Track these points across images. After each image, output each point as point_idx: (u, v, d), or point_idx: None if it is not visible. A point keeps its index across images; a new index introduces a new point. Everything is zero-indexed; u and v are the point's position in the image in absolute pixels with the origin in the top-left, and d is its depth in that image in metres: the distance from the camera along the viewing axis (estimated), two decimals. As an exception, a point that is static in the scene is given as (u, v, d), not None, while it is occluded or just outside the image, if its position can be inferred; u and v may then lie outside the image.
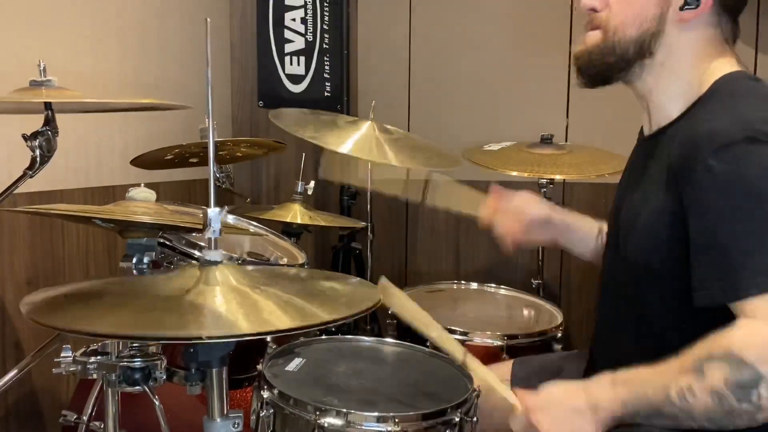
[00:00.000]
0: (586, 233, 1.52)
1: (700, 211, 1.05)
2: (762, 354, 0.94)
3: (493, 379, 1.25)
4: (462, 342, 1.70)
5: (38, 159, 1.37)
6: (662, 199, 1.15)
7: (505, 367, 1.53)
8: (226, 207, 1.04)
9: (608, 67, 1.24)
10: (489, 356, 1.67)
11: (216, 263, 1.05)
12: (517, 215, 1.52)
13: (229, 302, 0.97)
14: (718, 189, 1.03)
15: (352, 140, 1.99)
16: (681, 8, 1.17)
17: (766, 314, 0.96)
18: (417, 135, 2.30)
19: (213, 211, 1.02)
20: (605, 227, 1.47)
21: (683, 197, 1.09)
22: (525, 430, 1.15)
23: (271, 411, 1.20)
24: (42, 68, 1.36)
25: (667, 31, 1.19)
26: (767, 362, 0.93)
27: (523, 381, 1.47)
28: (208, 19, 0.96)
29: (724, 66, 1.19)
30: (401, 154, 2.03)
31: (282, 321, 0.94)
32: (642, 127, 1.36)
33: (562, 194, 2.66)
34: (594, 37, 1.25)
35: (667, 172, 1.14)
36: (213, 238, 1.04)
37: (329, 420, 1.15)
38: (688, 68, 1.21)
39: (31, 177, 1.39)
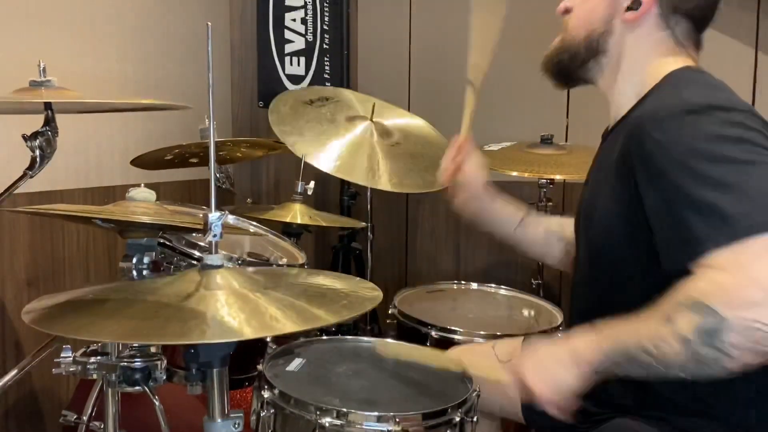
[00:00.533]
0: (507, 218, 1.62)
1: (651, 182, 1.08)
2: (723, 299, 0.95)
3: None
4: (462, 342, 1.71)
5: (38, 159, 1.37)
6: (614, 185, 1.19)
7: (514, 345, 1.53)
8: (226, 211, 1.04)
9: (564, 65, 1.36)
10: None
11: (217, 267, 1.05)
12: (460, 162, 1.64)
13: (231, 307, 0.97)
14: (664, 157, 1.06)
15: (340, 145, 1.96)
16: (626, 10, 1.26)
17: (721, 264, 0.98)
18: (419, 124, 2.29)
19: (214, 215, 1.01)
20: (529, 217, 1.61)
21: (636, 175, 1.12)
22: (513, 380, 1.16)
23: (272, 411, 1.21)
24: (42, 68, 1.36)
25: (616, 32, 1.28)
26: (729, 306, 0.95)
27: None
28: (210, 24, 0.96)
29: (675, 64, 1.24)
30: (396, 165, 2.00)
31: (284, 325, 0.94)
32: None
33: (562, 194, 2.66)
34: (557, 40, 1.38)
35: (617, 159, 1.19)
36: (214, 242, 1.04)
37: (329, 420, 1.15)
38: (638, 67, 1.28)
39: (31, 177, 1.39)
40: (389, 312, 1.89)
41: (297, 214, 2.11)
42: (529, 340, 1.55)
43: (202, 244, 1.53)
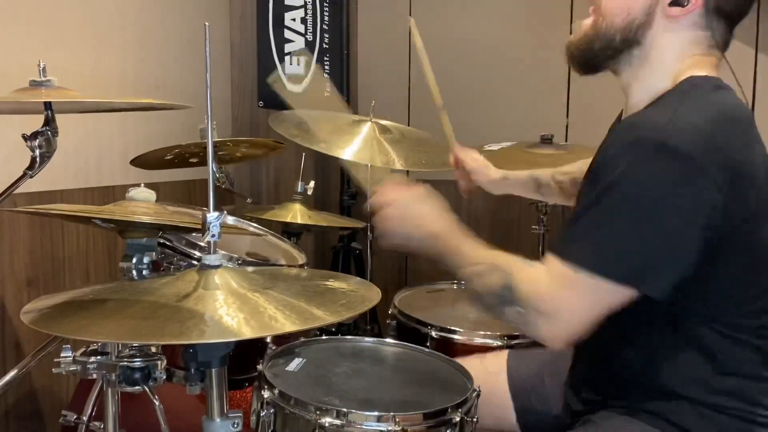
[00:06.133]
0: (524, 189, 1.79)
1: (596, 183, 1.14)
2: (525, 288, 1.14)
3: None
4: (462, 342, 1.71)
5: (38, 159, 1.37)
6: None
7: (501, 357, 1.54)
8: (225, 211, 1.04)
9: (594, 53, 1.26)
10: (489, 356, 1.67)
11: (216, 267, 1.05)
12: (466, 178, 1.81)
13: (230, 306, 0.97)
14: (608, 173, 1.10)
15: (354, 145, 2.01)
16: (670, 4, 1.18)
17: (551, 267, 1.13)
18: (416, 129, 2.31)
19: (212, 215, 1.01)
20: (544, 175, 1.75)
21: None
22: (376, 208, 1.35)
23: (272, 411, 1.20)
24: (42, 68, 1.36)
25: (654, 25, 1.20)
26: (524, 294, 1.14)
27: (519, 372, 1.50)
28: (207, 24, 0.96)
29: (701, 68, 1.19)
30: (403, 154, 2.04)
31: (283, 325, 0.94)
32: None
33: (562, 194, 2.66)
34: (588, 22, 1.27)
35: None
36: (212, 242, 1.04)
37: (329, 420, 1.15)
38: (667, 65, 1.21)
39: (31, 177, 1.39)
40: (389, 312, 1.89)
41: (297, 214, 2.11)
42: (514, 353, 1.56)
43: (202, 244, 1.53)
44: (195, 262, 1.51)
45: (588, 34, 1.26)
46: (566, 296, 1.12)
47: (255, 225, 1.83)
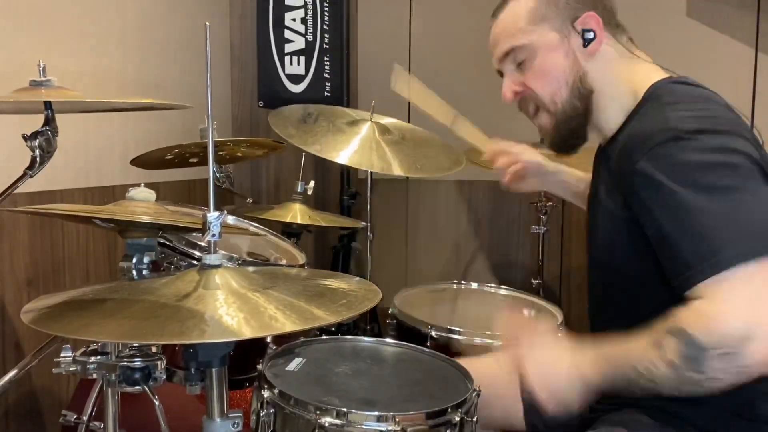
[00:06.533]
0: (574, 185, 1.70)
1: (646, 212, 1.13)
2: (703, 328, 1.02)
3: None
4: (462, 342, 1.71)
5: (38, 159, 1.36)
6: (610, 207, 1.24)
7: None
8: (225, 211, 1.04)
9: (577, 131, 1.32)
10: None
11: (216, 267, 1.05)
12: (513, 160, 1.72)
13: (230, 306, 0.97)
14: (653, 189, 1.10)
15: (351, 148, 2.01)
16: (584, 46, 1.27)
17: (705, 294, 1.05)
18: (418, 128, 2.31)
19: (212, 215, 1.01)
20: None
21: (631, 202, 1.17)
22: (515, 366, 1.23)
23: (272, 411, 1.20)
24: (42, 68, 1.36)
25: (587, 68, 1.29)
26: (708, 335, 1.02)
27: None
28: (207, 24, 0.96)
29: (649, 73, 1.27)
30: (401, 157, 2.04)
31: (283, 324, 0.94)
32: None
33: (562, 194, 2.66)
34: (545, 119, 1.34)
35: (610, 181, 1.23)
36: (213, 242, 1.04)
37: (329, 419, 1.15)
38: (617, 85, 1.29)
39: (31, 177, 1.39)
40: (389, 312, 1.89)
41: (297, 214, 2.11)
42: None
43: (202, 243, 1.53)
44: (195, 262, 1.51)
45: (557, 126, 1.33)
46: (744, 304, 1.02)
47: (255, 225, 1.83)
